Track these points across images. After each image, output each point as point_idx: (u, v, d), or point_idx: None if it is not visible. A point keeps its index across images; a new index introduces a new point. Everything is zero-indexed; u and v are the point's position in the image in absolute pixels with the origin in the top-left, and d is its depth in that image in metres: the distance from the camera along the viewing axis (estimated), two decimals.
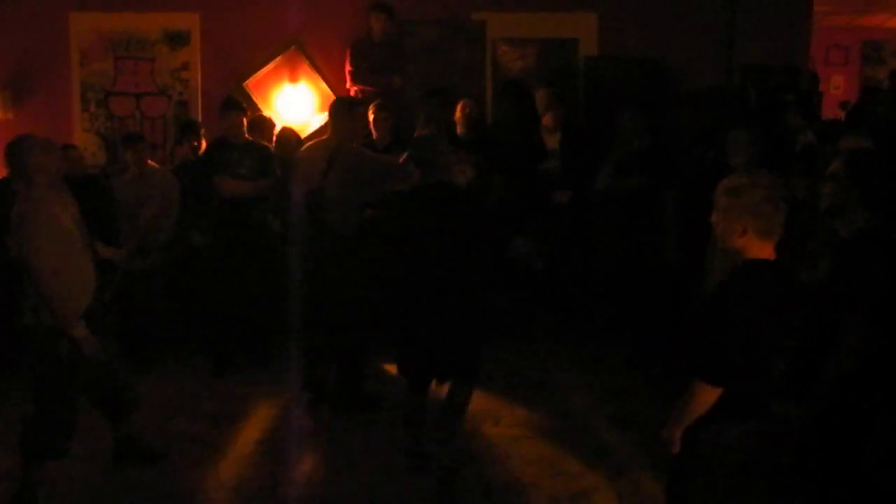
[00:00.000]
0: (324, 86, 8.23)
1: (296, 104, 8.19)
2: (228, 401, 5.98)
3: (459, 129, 7.18)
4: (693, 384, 3.12)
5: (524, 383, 6.28)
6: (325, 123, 6.65)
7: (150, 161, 6.91)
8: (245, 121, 6.75)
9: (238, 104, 6.88)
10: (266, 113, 7.96)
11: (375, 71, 7.81)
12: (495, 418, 5.68)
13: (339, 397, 5.77)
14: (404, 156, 5.38)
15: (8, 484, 4.65)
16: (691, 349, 3.17)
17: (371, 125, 7.05)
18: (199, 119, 7.95)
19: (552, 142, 7.31)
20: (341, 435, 5.42)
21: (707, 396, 3.10)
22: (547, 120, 7.33)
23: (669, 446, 3.24)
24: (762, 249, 3.14)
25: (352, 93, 7.99)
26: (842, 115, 9.35)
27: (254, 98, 8.09)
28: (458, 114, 7.19)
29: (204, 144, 7.26)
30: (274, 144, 7.14)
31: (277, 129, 7.52)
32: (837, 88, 11.91)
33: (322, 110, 8.27)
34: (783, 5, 8.32)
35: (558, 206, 7.14)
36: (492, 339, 6.38)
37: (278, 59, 8.21)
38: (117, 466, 4.93)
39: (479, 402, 5.91)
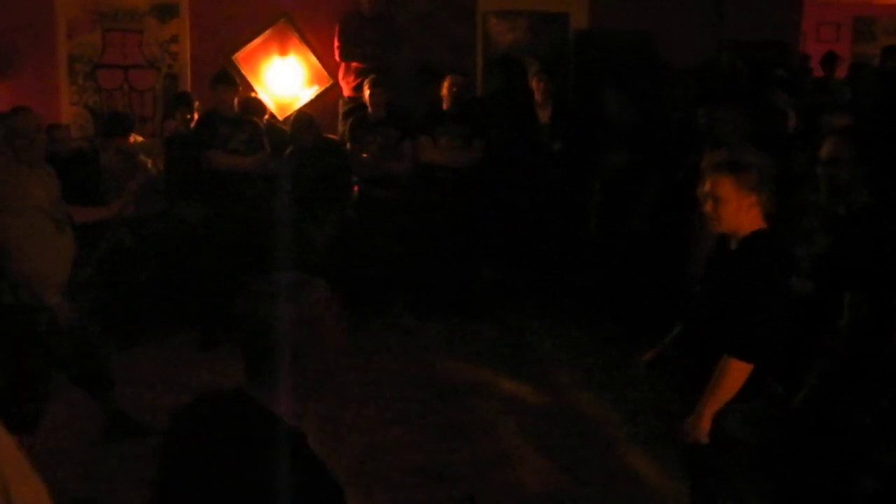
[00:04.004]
0: (313, 59, 8.18)
1: (285, 78, 8.14)
2: (216, 375, 5.96)
3: (445, 105, 7.17)
4: (727, 365, 3.01)
5: (511, 357, 6.28)
6: None
7: (134, 135, 6.85)
8: (236, 96, 6.70)
9: (230, 78, 6.82)
10: (255, 86, 7.92)
11: (365, 45, 7.76)
12: (482, 391, 5.69)
13: None
14: None
15: None
16: (719, 329, 3.06)
17: (366, 100, 7.03)
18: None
19: (543, 116, 7.32)
20: (330, 410, 5.41)
21: (742, 375, 3.01)
22: (538, 94, 7.32)
23: (695, 434, 3.10)
24: (762, 225, 3.14)
25: (342, 67, 7.94)
26: None
27: (243, 71, 8.03)
28: (444, 90, 7.18)
29: (196, 117, 7.21)
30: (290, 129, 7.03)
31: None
32: None
33: (311, 84, 8.22)
34: None
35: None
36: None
37: (268, 31, 8.14)
38: (106, 440, 4.92)
39: (467, 375, 5.94)
